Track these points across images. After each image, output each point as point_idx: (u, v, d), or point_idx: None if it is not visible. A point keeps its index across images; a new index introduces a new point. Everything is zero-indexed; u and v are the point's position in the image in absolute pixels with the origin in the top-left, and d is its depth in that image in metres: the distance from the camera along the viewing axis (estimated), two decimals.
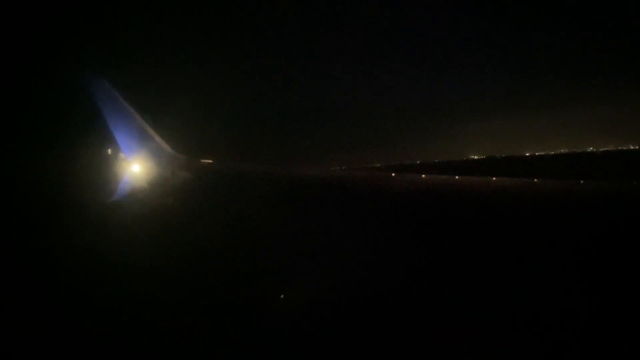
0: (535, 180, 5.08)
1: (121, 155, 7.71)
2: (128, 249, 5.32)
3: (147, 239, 5.59)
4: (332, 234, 4.43)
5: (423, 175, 5.50)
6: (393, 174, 5.97)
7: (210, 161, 8.29)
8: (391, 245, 3.88)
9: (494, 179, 5.26)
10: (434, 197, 4.75)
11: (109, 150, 7.84)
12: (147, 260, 4.90)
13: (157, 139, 8.25)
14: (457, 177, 5.56)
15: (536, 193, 4.53)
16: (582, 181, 4.50)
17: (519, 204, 4.11)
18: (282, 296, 3.73)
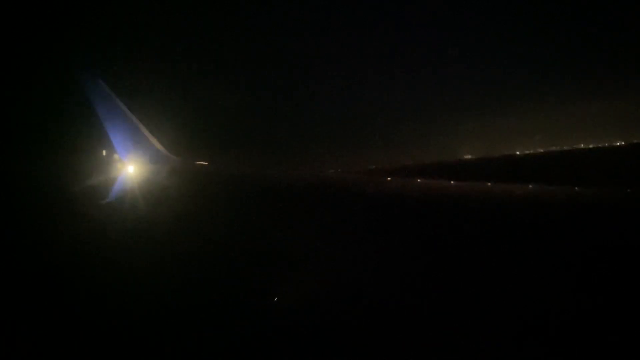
0: (530, 186, 5.11)
1: (116, 156, 7.69)
2: (122, 250, 5.31)
3: (141, 240, 5.57)
4: (327, 237, 4.43)
5: (419, 180, 5.51)
6: (389, 178, 5.97)
7: (205, 163, 8.29)
8: (386, 248, 3.89)
9: (489, 184, 5.28)
10: (430, 201, 4.76)
11: (104, 151, 7.83)
12: (141, 261, 4.89)
13: (153, 140, 8.23)
14: (452, 182, 5.58)
15: (531, 199, 4.55)
16: (576, 188, 4.52)
17: (514, 209, 4.13)
18: (275, 299, 3.72)
